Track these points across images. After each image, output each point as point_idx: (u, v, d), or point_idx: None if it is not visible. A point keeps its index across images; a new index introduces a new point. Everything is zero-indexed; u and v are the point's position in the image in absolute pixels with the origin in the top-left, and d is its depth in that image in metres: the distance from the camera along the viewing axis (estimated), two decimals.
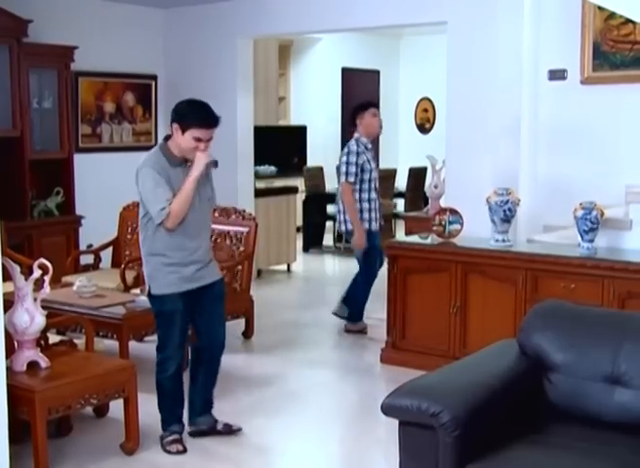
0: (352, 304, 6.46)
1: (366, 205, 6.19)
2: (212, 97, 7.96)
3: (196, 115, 3.88)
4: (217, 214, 5.85)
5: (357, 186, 6.13)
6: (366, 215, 6.19)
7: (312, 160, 11.65)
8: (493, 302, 5.11)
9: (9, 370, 3.62)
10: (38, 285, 3.92)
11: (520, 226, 5.78)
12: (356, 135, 6.27)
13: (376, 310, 6.45)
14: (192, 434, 4.33)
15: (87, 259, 6.81)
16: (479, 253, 5.22)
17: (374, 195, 6.21)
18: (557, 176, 6.01)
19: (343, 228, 6.29)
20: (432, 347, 5.36)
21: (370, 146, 6.25)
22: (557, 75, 6.04)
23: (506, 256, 5.08)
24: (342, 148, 6.41)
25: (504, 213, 5.15)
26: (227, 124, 7.94)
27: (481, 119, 6.28)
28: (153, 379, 4.18)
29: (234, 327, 5.87)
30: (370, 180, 6.16)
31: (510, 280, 5.03)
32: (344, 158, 6.14)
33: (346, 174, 6.09)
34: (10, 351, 3.77)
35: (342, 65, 12.43)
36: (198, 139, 3.88)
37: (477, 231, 5.57)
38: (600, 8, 5.60)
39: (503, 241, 5.22)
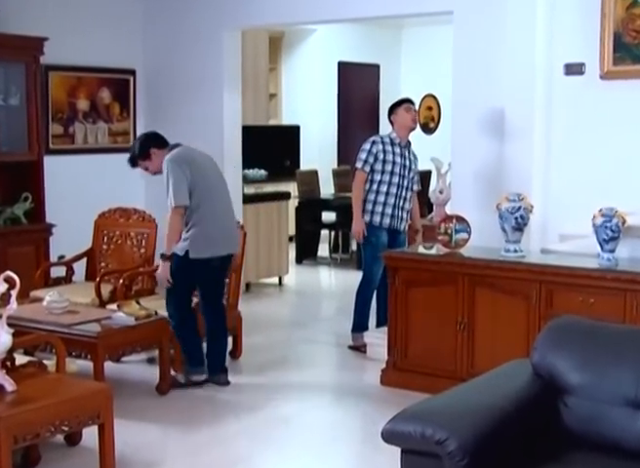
0: (354, 311, 6.49)
1: (374, 197, 6.31)
2: (196, 95, 8.11)
3: None
4: None
5: (369, 176, 6.30)
6: (378, 209, 6.31)
7: (306, 163, 11.65)
8: (503, 318, 5.11)
9: None
10: (4, 300, 3.91)
11: (533, 235, 5.80)
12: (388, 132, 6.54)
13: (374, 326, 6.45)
14: None
15: (58, 272, 6.80)
16: (488, 264, 5.22)
17: (394, 190, 6.31)
18: (574, 181, 6.02)
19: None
20: (437, 368, 5.36)
21: (400, 142, 6.37)
22: (574, 69, 6.06)
23: (518, 268, 5.08)
24: (339, 150, 6.50)
25: (516, 220, 5.16)
26: (213, 124, 8.03)
27: (490, 118, 6.30)
28: (131, 404, 4.18)
29: None
30: (391, 173, 6.29)
31: (523, 294, 5.03)
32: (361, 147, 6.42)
33: (357, 159, 6.36)
34: None
35: (339, 59, 12.47)
36: None
37: (486, 241, 5.58)
38: None
39: (515, 251, 5.22)
